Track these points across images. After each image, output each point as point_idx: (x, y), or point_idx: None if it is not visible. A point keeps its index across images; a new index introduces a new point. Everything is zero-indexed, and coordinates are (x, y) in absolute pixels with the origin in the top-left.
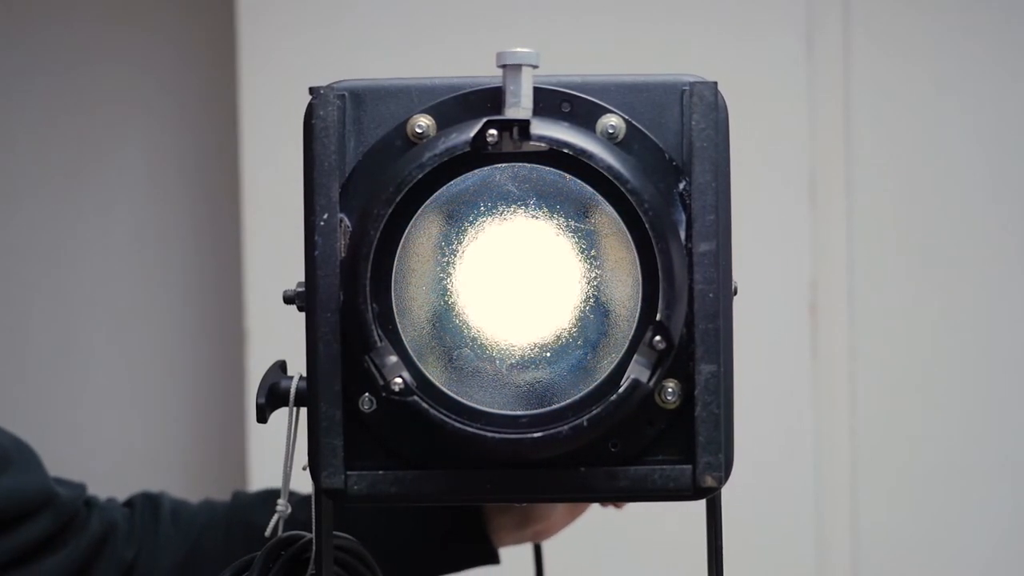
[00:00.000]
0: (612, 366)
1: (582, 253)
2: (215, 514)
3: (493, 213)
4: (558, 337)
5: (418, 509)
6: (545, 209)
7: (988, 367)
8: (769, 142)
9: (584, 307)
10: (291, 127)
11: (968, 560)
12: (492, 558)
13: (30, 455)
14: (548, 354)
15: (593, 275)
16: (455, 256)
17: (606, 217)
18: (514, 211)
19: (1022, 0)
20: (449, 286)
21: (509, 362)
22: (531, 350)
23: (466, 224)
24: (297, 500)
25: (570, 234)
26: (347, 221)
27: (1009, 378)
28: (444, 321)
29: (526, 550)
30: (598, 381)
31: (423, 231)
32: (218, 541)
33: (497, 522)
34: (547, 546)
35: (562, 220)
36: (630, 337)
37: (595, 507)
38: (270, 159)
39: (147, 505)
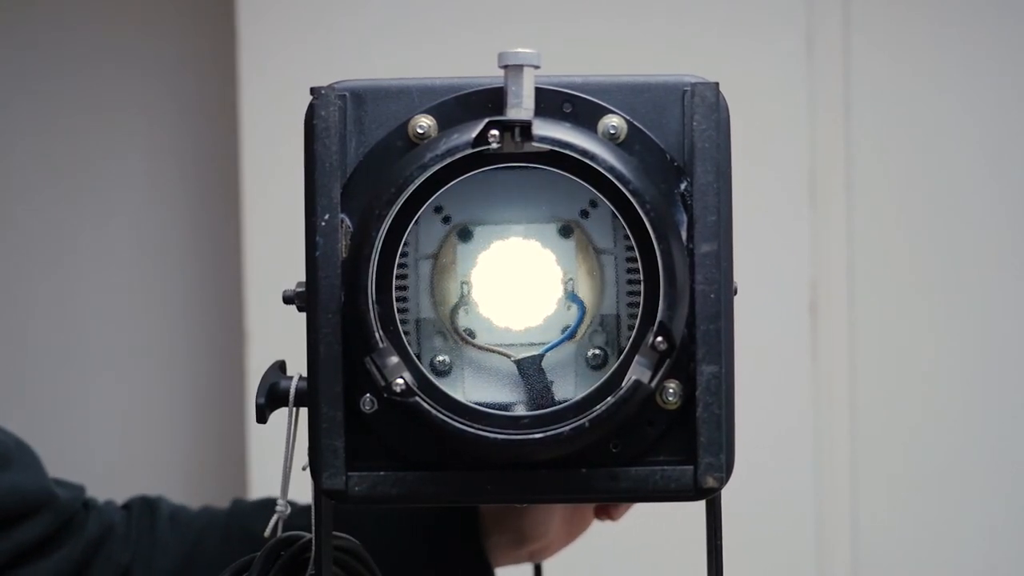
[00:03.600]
0: (613, 367)
1: (560, 262)
2: (213, 519)
3: (493, 218)
4: (545, 321)
5: (413, 523)
6: (535, 232)
7: (988, 367)
8: (769, 142)
9: (563, 300)
10: (291, 127)
11: (968, 560)
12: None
13: (30, 455)
14: (538, 333)
15: (568, 279)
16: (459, 255)
17: (584, 236)
18: (510, 229)
19: (1022, 0)
20: (453, 284)
21: (510, 344)
22: (525, 334)
23: (469, 225)
24: (297, 510)
25: (553, 248)
26: (348, 221)
27: (1009, 378)
28: (448, 319)
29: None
30: (599, 382)
31: (425, 232)
32: (215, 546)
33: (494, 540)
34: None
35: (547, 239)
36: (631, 338)
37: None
38: (270, 159)
39: (144, 508)
